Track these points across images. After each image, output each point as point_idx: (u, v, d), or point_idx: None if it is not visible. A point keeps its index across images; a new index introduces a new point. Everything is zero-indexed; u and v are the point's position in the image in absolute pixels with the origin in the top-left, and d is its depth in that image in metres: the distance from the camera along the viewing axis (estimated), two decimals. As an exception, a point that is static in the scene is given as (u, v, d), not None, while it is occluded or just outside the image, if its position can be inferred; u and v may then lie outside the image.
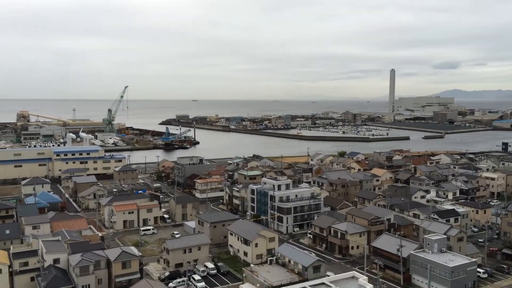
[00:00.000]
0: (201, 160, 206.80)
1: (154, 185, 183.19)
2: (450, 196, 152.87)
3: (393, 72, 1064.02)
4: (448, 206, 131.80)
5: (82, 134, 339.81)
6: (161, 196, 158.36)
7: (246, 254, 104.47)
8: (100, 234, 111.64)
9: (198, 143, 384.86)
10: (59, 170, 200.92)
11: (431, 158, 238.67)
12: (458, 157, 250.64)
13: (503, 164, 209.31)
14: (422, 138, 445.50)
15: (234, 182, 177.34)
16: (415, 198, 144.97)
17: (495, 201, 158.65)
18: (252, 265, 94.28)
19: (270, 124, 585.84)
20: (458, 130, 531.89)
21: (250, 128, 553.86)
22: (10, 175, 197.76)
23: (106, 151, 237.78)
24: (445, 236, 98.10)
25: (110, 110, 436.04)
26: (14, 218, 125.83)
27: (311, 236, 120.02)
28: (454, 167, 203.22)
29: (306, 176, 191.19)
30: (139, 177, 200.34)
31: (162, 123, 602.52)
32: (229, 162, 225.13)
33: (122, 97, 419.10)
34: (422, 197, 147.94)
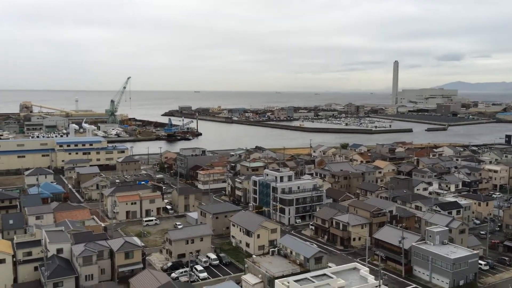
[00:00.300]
0: (203, 151, 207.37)
1: (157, 176, 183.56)
2: (453, 188, 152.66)
3: (396, 63, 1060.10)
4: (450, 198, 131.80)
5: (85, 125, 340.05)
6: (163, 187, 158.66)
7: (248, 245, 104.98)
8: (103, 225, 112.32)
9: (200, 134, 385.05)
10: (62, 161, 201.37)
11: (434, 150, 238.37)
12: (461, 149, 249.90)
13: (506, 156, 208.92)
14: (425, 130, 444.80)
15: (237, 174, 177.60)
16: (418, 190, 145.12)
17: (498, 193, 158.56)
18: (254, 256, 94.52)
19: (273, 115, 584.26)
20: (461, 123, 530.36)
21: (252, 119, 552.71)
22: (13, 166, 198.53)
23: (108, 142, 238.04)
24: (447, 228, 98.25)
25: (113, 101, 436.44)
26: (18, 209, 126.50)
27: (313, 227, 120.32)
28: (457, 160, 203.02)
29: (309, 167, 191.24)
30: (142, 168, 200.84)
31: (165, 114, 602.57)
32: (231, 153, 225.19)
33: (124, 88, 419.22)
34: (425, 189, 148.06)
